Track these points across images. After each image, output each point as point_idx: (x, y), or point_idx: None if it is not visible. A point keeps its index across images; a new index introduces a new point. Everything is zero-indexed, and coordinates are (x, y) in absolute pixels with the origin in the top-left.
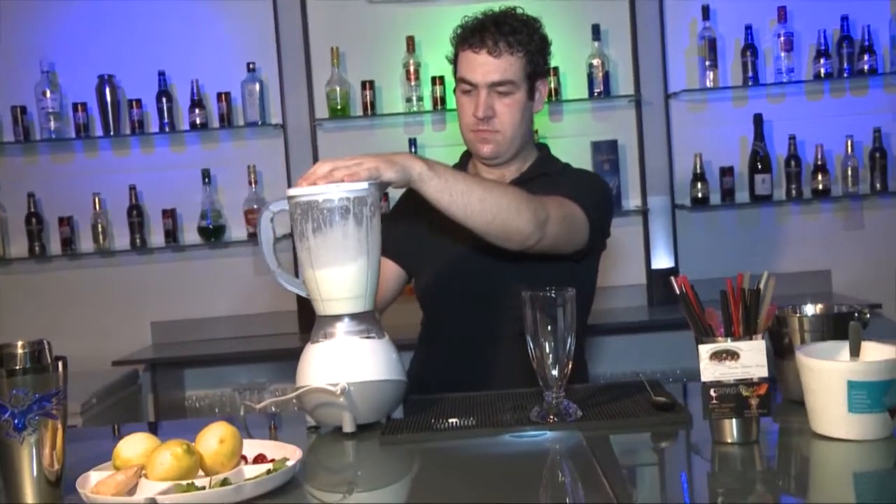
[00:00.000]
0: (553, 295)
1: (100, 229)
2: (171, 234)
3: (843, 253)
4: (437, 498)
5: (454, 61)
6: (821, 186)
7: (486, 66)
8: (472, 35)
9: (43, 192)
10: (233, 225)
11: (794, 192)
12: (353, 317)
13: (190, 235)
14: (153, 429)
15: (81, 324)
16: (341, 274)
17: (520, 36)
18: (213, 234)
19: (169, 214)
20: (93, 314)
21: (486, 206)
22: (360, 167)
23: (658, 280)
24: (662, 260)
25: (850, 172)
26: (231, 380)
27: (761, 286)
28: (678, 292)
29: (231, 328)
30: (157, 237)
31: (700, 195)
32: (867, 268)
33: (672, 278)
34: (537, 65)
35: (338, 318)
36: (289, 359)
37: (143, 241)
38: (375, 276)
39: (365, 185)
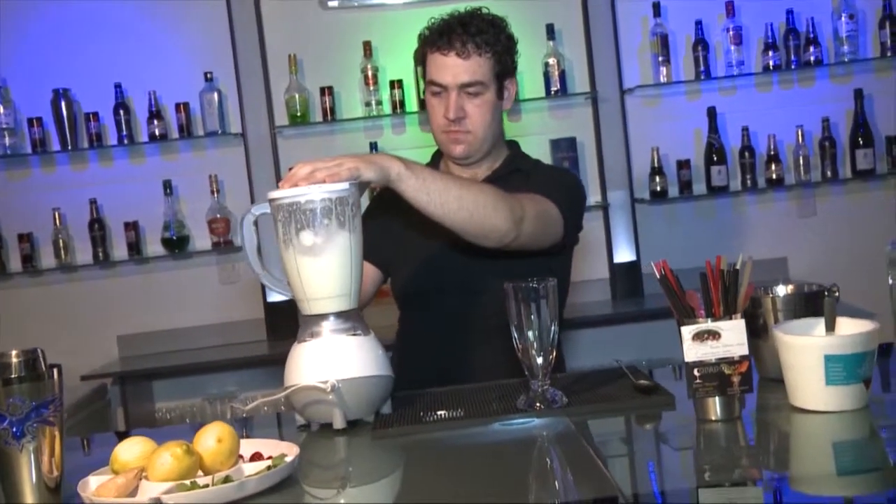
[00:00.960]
0: (535, 285)
1: (61, 245)
2: (135, 247)
3: (798, 240)
4: (431, 489)
5: (422, 63)
6: (774, 176)
7: (456, 67)
8: (440, 37)
9: (1, 208)
10: (196, 235)
11: (748, 182)
12: (339, 315)
13: (153, 247)
14: (123, 438)
15: (46, 340)
16: (326, 274)
17: (487, 36)
18: (176, 245)
19: (131, 227)
20: (57, 330)
21: (464, 205)
22: (340, 167)
23: (621, 274)
24: (624, 253)
25: (801, 161)
26: (200, 390)
27: (738, 268)
28: (658, 276)
29: (198, 338)
30: (119, 250)
31: (658, 188)
32: (821, 253)
33: (652, 263)
34: (505, 64)
35: (323, 316)
36: (258, 366)
37: (105, 255)
38: (359, 275)
39: (346, 185)
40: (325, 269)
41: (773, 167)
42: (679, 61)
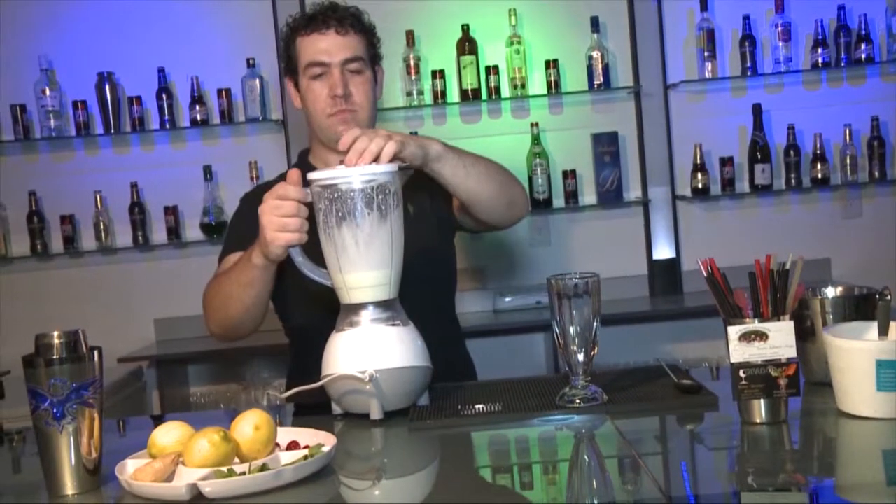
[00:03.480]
0: (578, 281)
1: (101, 227)
2: (174, 231)
3: (843, 241)
4: (467, 483)
5: (292, 53)
6: (820, 175)
7: (337, 44)
8: (313, 20)
9: (44, 190)
10: None
11: (793, 181)
12: (378, 304)
13: (192, 232)
14: (158, 422)
15: (84, 322)
16: (366, 263)
17: (359, 18)
18: (215, 230)
19: (171, 211)
20: (95, 312)
21: (493, 175)
22: (388, 140)
23: (659, 270)
24: (664, 250)
25: (848, 161)
26: (234, 375)
27: (788, 267)
28: (705, 274)
29: None
30: (159, 234)
31: (700, 185)
32: (866, 256)
33: (699, 261)
34: (375, 48)
35: (362, 306)
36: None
37: (145, 239)
38: (399, 264)
39: (389, 172)
40: (365, 259)
41: (819, 166)
42: (725, 57)
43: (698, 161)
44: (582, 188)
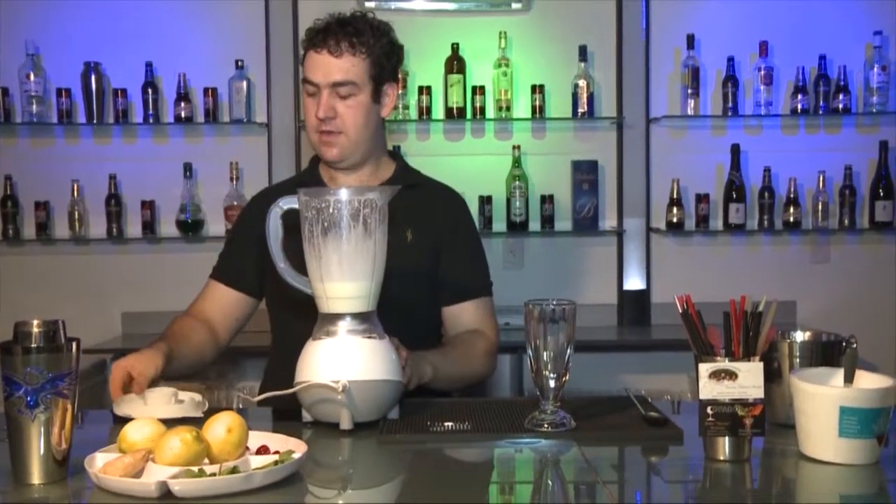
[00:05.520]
0: (556, 307)
1: (76, 216)
2: (149, 226)
3: (809, 285)
4: (431, 499)
5: (303, 63)
6: (792, 219)
7: (327, 66)
8: (316, 36)
9: (20, 175)
10: (211, 220)
11: (766, 222)
12: (356, 316)
13: (167, 228)
14: (117, 419)
15: (52, 309)
16: (347, 274)
17: (364, 38)
18: (190, 228)
19: (147, 206)
20: (63, 301)
21: (465, 377)
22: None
23: (629, 301)
24: (634, 282)
25: (820, 207)
26: (198, 375)
27: (761, 309)
28: (680, 310)
29: None
30: (133, 228)
31: (675, 220)
32: (831, 301)
33: (675, 296)
34: (383, 68)
35: (340, 316)
36: (257, 357)
37: (119, 231)
38: (380, 279)
39: (376, 191)
40: (346, 270)
41: (792, 210)
42: (708, 95)
43: (675, 196)
44: (559, 214)
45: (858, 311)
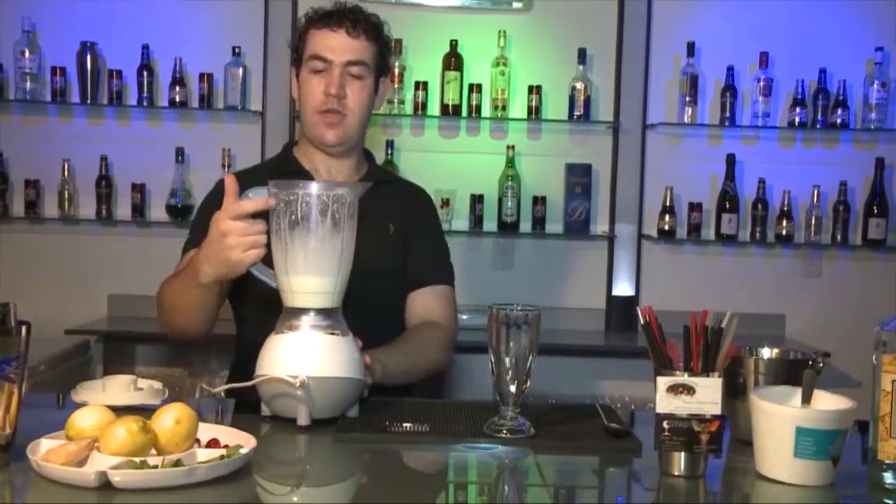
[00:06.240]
0: (519, 312)
1: (66, 196)
2: (138, 209)
3: (799, 299)
4: (384, 500)
5: (300, 46)
6: (784, 232)
7: (344, 44)
8: (330, 16)
9: (11, 152)
10: None
11: (758, 234)
12: (320, 311)
13: (157, 212)
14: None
15: (38, 288)
16: (312, 269)
17: (373, 26)
18: (180, 212)
19: (138, 189)
20: (50, 280)
21: (419, 372)
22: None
23: (618, 306)
24: (623, 287)
25: (813, 221)
26: (182, 361)
27: (724, 325)
28: (642, 322)
29: None
30: (123, 210)
31: (667, 227)
32: (821, 316)
33: (637, 308)
34: (385, 59)
35: (304, 311)
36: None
37: (108, 213)
38: (346, 275)
39: (346, 186)
40: (311, 265)
41: (785, 223)
42: (706, 104)
43: (668, 203)
44: (550, 216)
45: (847, 326)
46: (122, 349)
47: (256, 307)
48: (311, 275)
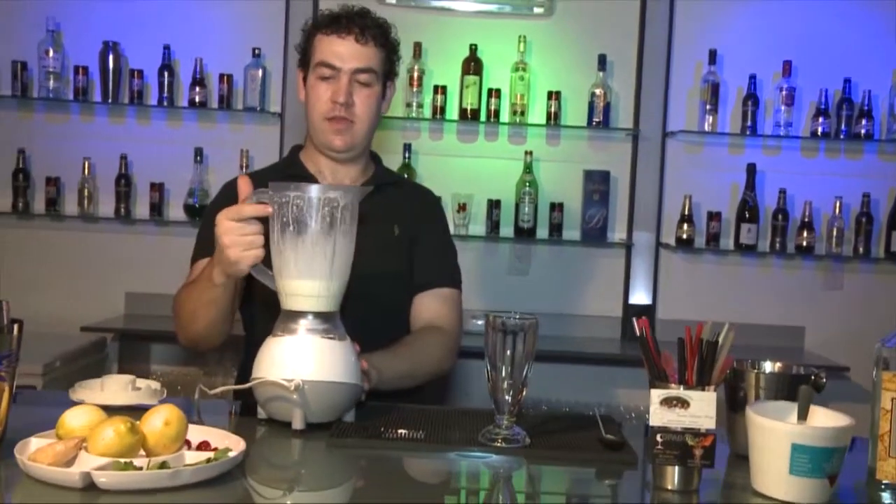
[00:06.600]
0: (516, 320)
1: (86, 194)
2: (156, 208)
3: (819, 311)
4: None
5: (308, 47)
6: (805, 243)
7: (353, 51)
8: (338, 21)
9: (33, 149)
10: None
11: (777, 245)
12: (318, 315)
13: (175, 211)
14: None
15: (56, 285)
16: (304, 273)
17: (381, 31)
18: (197, 212)
19: (156, 188)
20: (69, 277)
21: (418, 376)
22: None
23: (634, 315)
24: (640, 296)
25: (835, 233)
26: (197, 360)
27: (721, 338)
28: (638, 333)
29: None
30: (141, 209)
31: (685, 236)
32: (841, 329)
33: (634, 319)
34: (392, 64)
35: (302, 314)
36: None
37: (127, 211)
38: (342, 279)
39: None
40: (303, 268)
41: (805, 234)
42: (727, 113)
43: (686, 212)
44: (567, 222)
45: (869, 341)
46: (137, 347)
47: (263, 309)
48: (304, 278)
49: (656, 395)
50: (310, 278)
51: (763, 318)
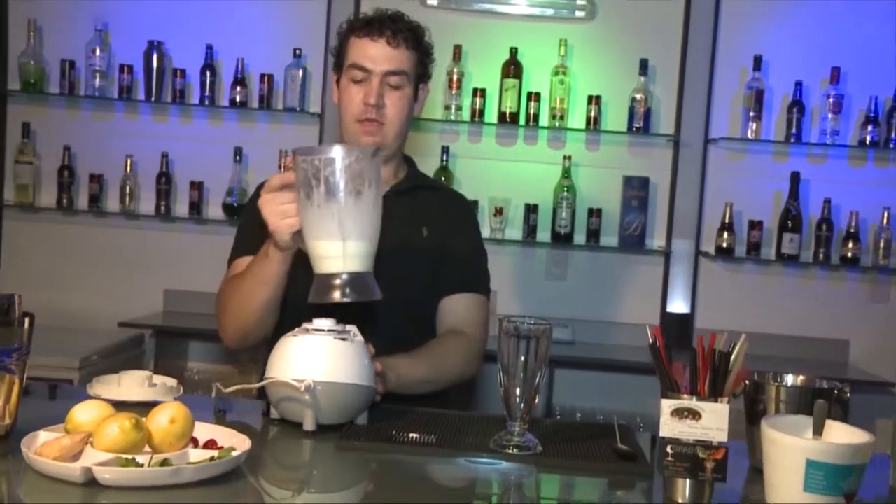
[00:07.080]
0: (530, 325)
1: (128, 191)
2: (196, 206)
3: (864, 325)
4: None
5: (342, 49)
6: (850, 254)
7: (384, 54)
8: (370, 24)
9: (78, 146)
10: None
11: (822, 255)
12: (336, 314)
13: (214, 210)
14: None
15: (97, 280)
16: (313, 234)
17: (413, 34)
18: (236, 211)
19: (196, 186)
20: (109, 273)
21: (437, 381)
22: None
23: (671, 324)
24: (678, 304)
25: (882, 244)
26: (232, 357)
27: (735, 349)
28: (650, 342)
29: None
30: (181, 207)
31: (725, 245)
32: (887, 343)
33: (647, 327)
34: (425, 67)
35: (320, 315)
36: None
37: (167, 209)
38: (368, 240)
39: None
40: (312, 230)
41: (851, 245)
42: (771, 120)
43: (727, 220)
44: (605, 228)
45: None
46: (175, 344)
47: (292, 308)
48: (314, 239)
49: (667, 405)
50: (317, 238)
51: (805, 330)
